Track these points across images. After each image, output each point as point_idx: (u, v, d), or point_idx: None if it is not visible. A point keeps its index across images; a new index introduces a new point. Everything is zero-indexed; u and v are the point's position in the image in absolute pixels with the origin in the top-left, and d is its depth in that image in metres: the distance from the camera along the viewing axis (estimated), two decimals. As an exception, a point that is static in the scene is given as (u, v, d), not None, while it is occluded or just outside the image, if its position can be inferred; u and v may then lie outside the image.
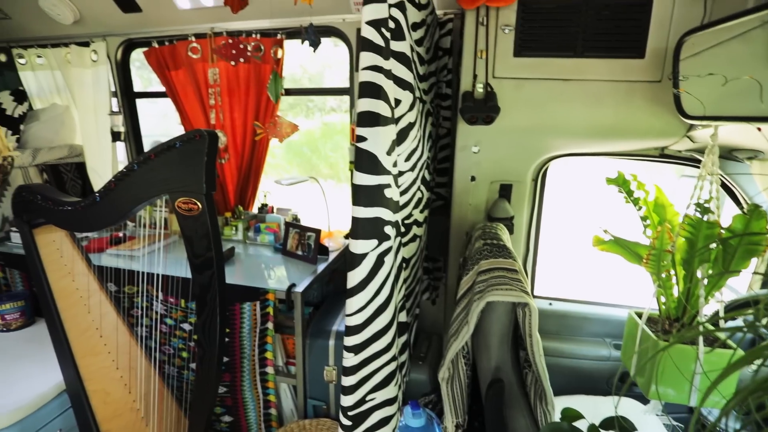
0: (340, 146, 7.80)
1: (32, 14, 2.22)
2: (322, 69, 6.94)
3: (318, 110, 4.24)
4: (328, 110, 4.75)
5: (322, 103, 3.91)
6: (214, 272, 1.11)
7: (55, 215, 1.22)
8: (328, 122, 4.65)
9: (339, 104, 4.09)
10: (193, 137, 1.02)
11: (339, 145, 7.79)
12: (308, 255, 1.80)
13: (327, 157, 7.46)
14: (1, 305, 1.75)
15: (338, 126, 7.67)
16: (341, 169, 7.21)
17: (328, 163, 7.69)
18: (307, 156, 7.42)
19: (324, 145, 7.47)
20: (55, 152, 2.26)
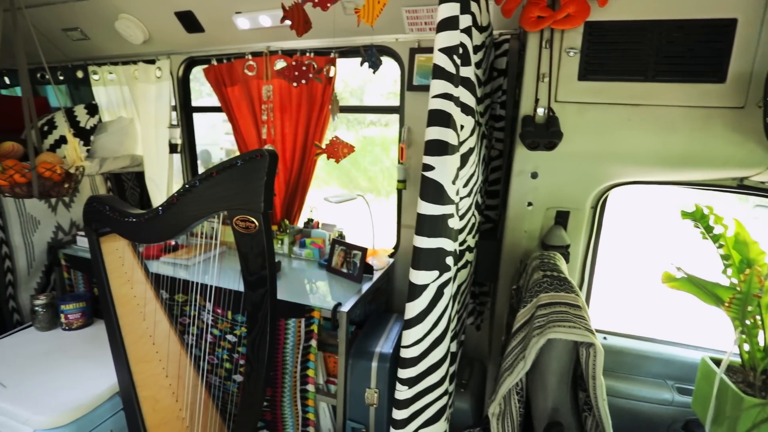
0: (379, 160, 7.84)
1: (108, 35, 2.39)
2: (363, 83, 7.01)
3: (357, 123, 4.29)
4: (367, 124, 4.80)
5: (362, 116, 3.95)
6: (267, 291, 1.11)
7: (121, 225, 1.28)
8: (367, 136, 4.68)
9: (378, 118, 4.11)
10: (254, 156, 1.04)
11: (378, 158, 7.83)
12: (353, 273, 1.79)
13: (366, 171, 7.52)
14: (65, 305, 1.85)
15: (377, 140, 7.72)
16: (381, 183, 7.23)
17: (367, 176, 7.72)
18: (346, 169, 7.49)
19: (363, 159, 7.54)
20: (118, 162, 2.40)
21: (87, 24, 2.39)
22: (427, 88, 1.92)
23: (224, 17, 2.06)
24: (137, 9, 2.19)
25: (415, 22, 1.84)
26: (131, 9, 2.20)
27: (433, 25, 1.82)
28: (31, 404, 1.43)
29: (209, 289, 1.71)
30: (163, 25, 2.23)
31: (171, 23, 2.18)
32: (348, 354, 1.60)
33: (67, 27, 2.45)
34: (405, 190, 2.03)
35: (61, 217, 2.13)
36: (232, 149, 8.36)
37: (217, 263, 1.90)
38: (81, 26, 2.42)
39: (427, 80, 1.90)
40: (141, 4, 2.15)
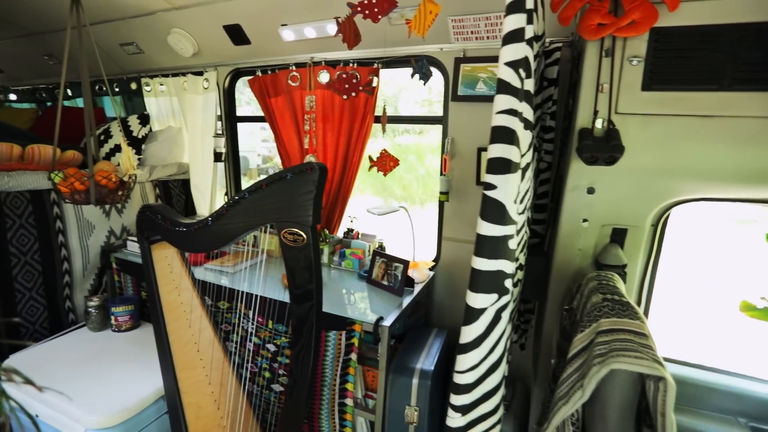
0: (413, 168, 7.79)
1: (160, 48, 2.50)
2: (398, 91, 7.00)
3: (391, 131, 4.29)
4: (401, 131, 4.78)
5: (396, 124, 3.93)
6: (314, 305, 1.10)
7: (171, 234, 1.31)
8: (401, 143, 4.66)
9: (413, 125, 4.08)
10: (304, 170, 1.04)
11: (412, 166, 7.78)
12: (394, 286, 1.76)
13: (400, 179, 7.49)
14: (116, 308, 1.93)
15: (411, 147, 7.68)
16: (415, 192, 7.18)
17: (401, 184, 7.70)
18: (380, 177, 7.46)
19: (397, 167, 7.41)
20: (166, 169, 2.49)
21: (142, 38, 2.52)
22: (471, 98, 1.89)
23: (270, 30, 2.10)
24: (188, 23, 2.28)
25: (460, 32, 1.80)
26: (183, 23, 2.29)
27: (479, 34, 1.78)
28: (84, 403, 1.48)
29: (251, 297, 1.72)
30: (212, 38, 2.30)
31: (219, 36, 2.26)
32: (388, 369, 1.57)
33: (124, 42, 2.58)
34: (447, 202, 1.98)
35: (114, 222, 2.22)
36: (269, 156, 8.56)
37: (260, 272, 1.92)
38: (136, 41, 2.54)
39: (472, 90, 1.86)
40: (192, 18, 2.23)
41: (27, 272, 1.88)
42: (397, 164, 1.79)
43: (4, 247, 1.80)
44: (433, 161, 8.83)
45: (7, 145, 1.88)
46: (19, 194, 1.85)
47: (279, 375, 1.72)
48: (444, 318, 2.17)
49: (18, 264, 1.85)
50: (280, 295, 1.69)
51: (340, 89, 1.46)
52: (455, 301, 2.13)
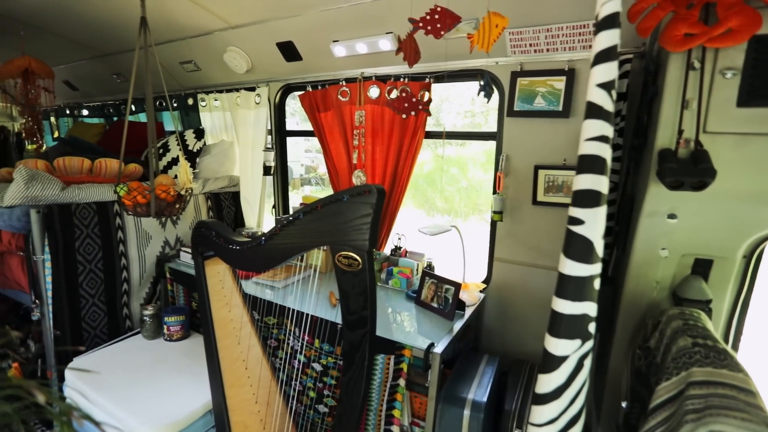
0: (455, 180, 7.64)
1: (216, 65, 2.60)
2: (440, 102, 6.90)
3: (432, 142, 4.24)
4: (441, 143, 4.67)
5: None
6: (367, 333, 1.05)
7: (224, 251, 1.32)
8: (442, 155, 4.57)
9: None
10: (362, 192, 1.00)
11: (455, 178, 7.62)
12: (444, 309, 1.68)
13: (442, 191, 7.34)
14: (168, 317, 1.98)
15: (453, 159, 7.51)
16: (457, 204, 6.99)
17: (443, 196, 7.54)
18: (422, 189, 7.37)
19: (439, 179, 7.35)
20: (219, 182, 2.56)
21: (200, 57, 2.62)
22: (528, 113, 1.79)
23: (322, 46, 2.11)
24: (243, 41, 2.34)
25: (518, 45, 1.73)
26: (238, 42, 2.36)
27: (538, 47, 1.69)
28: (138, 412, 1.51)
29: (299, 314, 1.71)
30: (265, 55, 2.36)
31: (272, 53, 2.30)
32: (438, 398, 1.49)
33: (184, 60, 2.71)
34: (501, 221, 1.89)
35: (169, 232, 2.30)
36: (312, 166, 8.69)
37: (306, 289, 1.91)
38: (195, 59, 2.66)
39: (530, 105, 1.77)
40: (247, 36, 2.30)
41: (91, 279, 1.98)
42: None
43: (72, 255, 1.90)
44: (475, 173, 8.63)
45: (79, 159, 2.00)
46: (87, 205, 1.95)
47: (324, 395, 1.68)
48: (494, 343, 2.06)
49: (84, 271, 1.95)
50: (329, 314, 1.66)
51: (400, 108, 1.42)
52: (507, 326, 2.02)
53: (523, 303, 1.97)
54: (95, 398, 1.62)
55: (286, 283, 1.95)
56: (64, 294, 1.89)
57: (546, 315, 1.89)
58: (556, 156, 1.78)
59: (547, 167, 1.80)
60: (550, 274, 1.89)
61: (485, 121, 5.46)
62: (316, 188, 7.82)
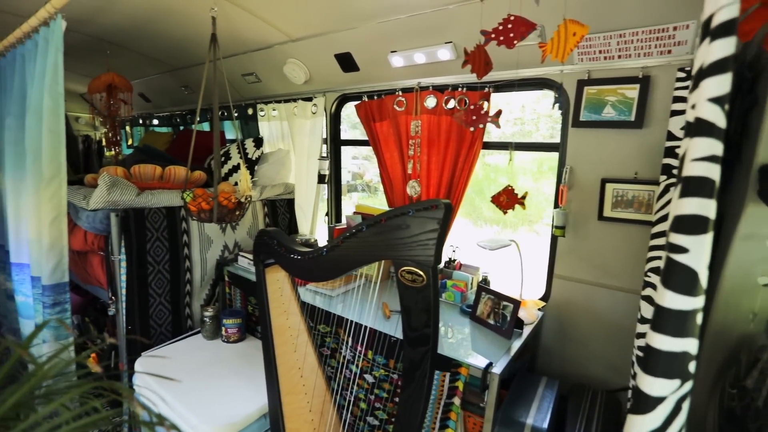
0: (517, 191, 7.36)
1: (275, 77, 2.70)
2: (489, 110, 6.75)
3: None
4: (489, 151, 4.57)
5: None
6: (429, 351, 1.02)
7: (284, 260, 1.34)
8: (490, 163, 4.47)
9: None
10: (429, 207, 0.98)
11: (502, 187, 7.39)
12: (502, 327, 1.62)
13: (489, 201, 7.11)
14: (227, 320, 2.05)
15: (501, 166, 7.33)
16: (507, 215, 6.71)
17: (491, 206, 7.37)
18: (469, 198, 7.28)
19: (487, 188, 7.21)
20: (275, 189, 2.65)
21: (261, 69, 2.74)
22: (596, 124, 1.70)
23: (379, 56, 2.13)
24: (303, 53, 2.42)
25: (586, 52, 1.64)
26: (298, 54, 2.44)
27: (609, 53, 1.60)
28: (198, 410, 1.58)
29: (351, 324, 1.71)
30: (323, 66, 2.41)
31: (330, 64, 2.36)
32: (495, 420, 1.42)
33: (246, 72, 2.84)
34: (563, 237, 1.79)
35: (228, 237, 2.40)
36: (358, 173, 8.82)
37: (360, 298, 1.91)
38: (256, 71, 2.78)
39: (598, 115, 1.68)
40: (306, 49, 2.37)
41: (159, 280, 2.10)
42: (520, 203, 1.66)
43: (144, 256, 2.03)
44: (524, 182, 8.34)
45: (152, 166, 2.14)
46: (158, 210, 2.08)
47: (375, 408, 1.66)
48: (551, 364, 1.95)
49: (153, 272, 2.07)
50: (383, 325, 1.65)
51: (468, 121, 1.39)
52: (566, 347, 1.91)
53: (585, 323, 1.85)
54: (160, 392, 1.70)
55: (339, 291, 1.97)
56: (135, 292, 2.02)
57: (612, 336, 1.77)
58: (626, 169, 1.67)
59: (615, 181, 1.69)
60: (615, 295, 1.77)
61: (536, 128, 5.31)
62: (362, 195, 7.91)
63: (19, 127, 2.14)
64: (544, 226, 8.02)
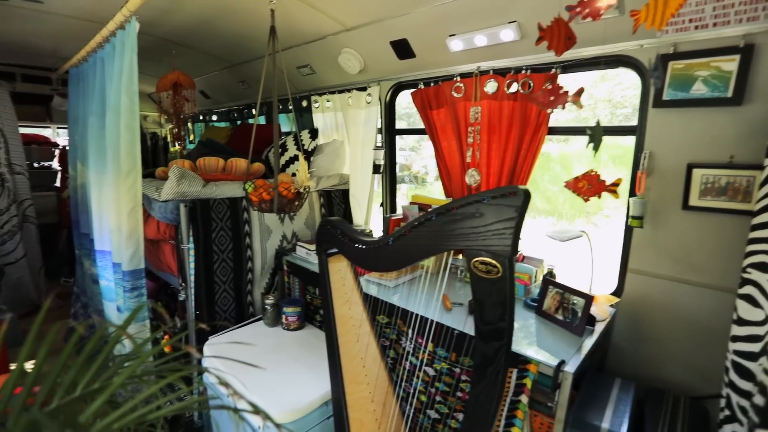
0: (558, 179, 7.06)
1: (330, 68, 2.71)
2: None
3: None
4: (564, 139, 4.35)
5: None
6: (504, 346, 0.97)
7: (348, 249, 1.33)
8: (543, 152, 4.25)
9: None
10: (506, 193, 0.92)
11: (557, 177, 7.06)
12: (572, 323, 1.52)
13: (545, 191, 6.82)
14: (287, 308, 2.11)
15: (554, 156, 6.94)
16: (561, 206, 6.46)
17: (545, 196, 7.03)
18: (522, 187, 6.95)
19: (541, 178, 6.90)
20: (330, 180, 2.67)
21: (315, 60, 2.76)
22: (682, 103, 1.53)
23: (437, 41, 2.06)
24: (358, 42, 2.40)
25: (673, 22, 1.48)
26: (353, 43, 2.42)
27: (703, 21, 1.43)
28: (263, 395, 1.63)
29: (411, 315, 1.68)
30: (378, 54, 2.38)
31: (385, 52, 2.32)
32: (567, 422, 1.34)
33: (301, 65, 2.87)
34: (641, 228, 1.65)
35: (286, 227, 2.46)
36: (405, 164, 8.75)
37: (419, 289, 1.88)
38: (311, 63, 2.80)
39: (685, 93, 1.51)
40: (361, 37, 2.34)
41: (223, 268, 2.19)
42: (611, 190, 1.53)
43: (209, 245, 2.12)
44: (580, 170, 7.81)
45: (216, 159, 2.23)
46: (221, 201, 2.16)
47: (436, 401, 1.63)
48: (623, 365, 1.81)
49: (217, 260, 2.17)
50: (445, 318, 1.61)
51: (545, 102, 1.30)
52: (641, 347, 1.77)
53: (663, 322, 1.70)
54: (226, 376, 1.77)
55: (397, 282, 1.95)
56: (202, 279, 2.13)
57: (697, 338, 1.61)
58: (719, 152, 1.50)
59: (704, 165, 1.52)
60: (702, 292, 1.60)
61: (593, 114, 5.00)
62: (410, 186, 7.85)
63: (100, 126, 2.30)
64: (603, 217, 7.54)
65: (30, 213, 3.71)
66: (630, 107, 5.86)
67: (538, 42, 1.18)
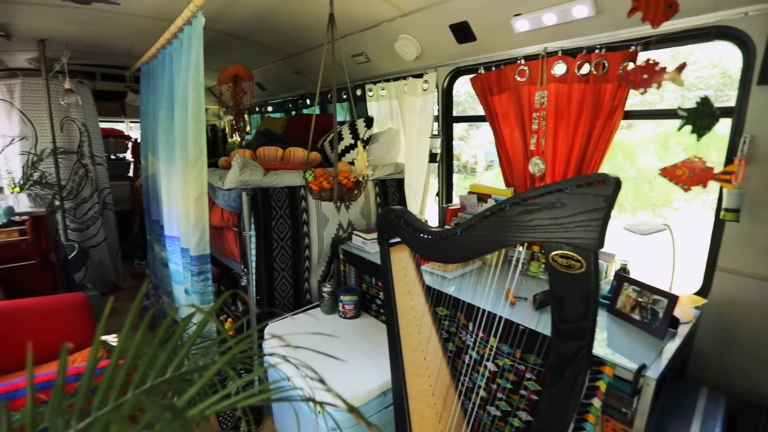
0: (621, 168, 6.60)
1: (385, 55, 2.67)
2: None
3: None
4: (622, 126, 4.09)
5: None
6: (585, 347, 0.90)
7: (413, 239, 1.30)
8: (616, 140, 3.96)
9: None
10: (593, 182, 0.84)
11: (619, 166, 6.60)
12: (651, 324, 1.40)
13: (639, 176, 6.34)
14: (344, 296, 2.13)
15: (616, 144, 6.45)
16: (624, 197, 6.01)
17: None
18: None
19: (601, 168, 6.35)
20: (386, 169, 2.65)
21: (371, 48, 2.73)
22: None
23: (501, 22, 1.95)
24: (415, 27, 2.33)
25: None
26: (410, 28, 2.36)
27: (826, -17, 1.23)
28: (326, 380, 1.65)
29: (472, 308, 1.63)
30: (436, 39, 2.30)
31: (443, 36, 2.24)
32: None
33: (355, 53, 2.85)
34: (737, 222, 1.47)
35: (342, 216, 2.48)
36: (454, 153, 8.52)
37: (480, 282, 1.82)
38: (366, 51, 2.77)
39: (799, 67, 1.31)
40: (419, 22, 2.27)
41: (282, 255, 2.25)
42: (722, 180, 1.37)
43: (269, 233, 2.18)
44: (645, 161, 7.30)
45: (275, 148, 2.28)
46: (281, 189, 2.21)
47: (497, 398, 1.58)
48: (707, 373, 1.65)
49: (277, 248, 2.23)
50: (509, 312, 1.55)
51: (636, 81, 1.19)
52: (729, 354, 1.60)
53: (760, 328, 1.52)
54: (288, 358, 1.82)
55: (456, 274, 1.90)
56: (263, 265, 2.20)
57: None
58: (839, 135, 1.29)
59: (819, 151, 1.32)
60: (808, 296, 1.41)
61: (660, 99, 4.58)
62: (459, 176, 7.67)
63: (169, 118, 2.42)
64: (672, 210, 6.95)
65: (109, 200, 4.04)
66: (706, 88, 5.29)
67: (630, 13, 1.07)
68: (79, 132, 3.75)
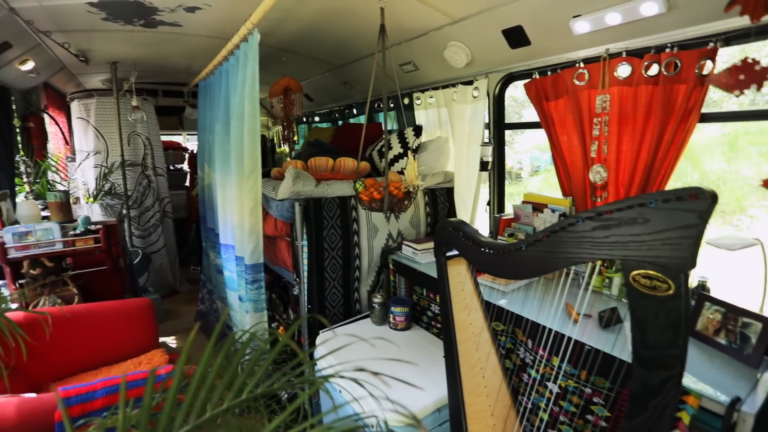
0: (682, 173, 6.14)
1: (434, 63, 2.64)
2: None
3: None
4: None
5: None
6: (674, 377, 0.82)
7: (471, 253, 1.26)
8: None
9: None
10: (683, 196, 0.77)
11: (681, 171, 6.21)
12: (741, 350, 1.26)
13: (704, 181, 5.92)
14: (395, 307, 2.11)
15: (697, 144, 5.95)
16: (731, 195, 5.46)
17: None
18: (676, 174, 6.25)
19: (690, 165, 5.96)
20: (435, 178, 2.62)
21: (419, 57, 2.71)
22: None
23: (558, 24, 1.87)
24: (466, 34, 2.29)
25: None
26: (460, 35, 2.32)
27: None
28: (375, 393, 1.63)
29: (530, 324, 1.55)
30: (487, 44, 2.25)
31: (495, 42, 2.18)
32: (738, 471, 1.11)
33: (403, 62, 2.85)
34: (843, 235, 1.30)
35: (392, 226, 2.47)
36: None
37: (537, 296, 1.73)
38: (414, 59, 2.77)
39: None
40: (470, 28, 2.23)
41: (333, 265, 2.27)
42: None
43: (321, 242, 2.21)
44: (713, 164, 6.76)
45: (325, 159, 2.31)
46: (332, 200, 2.24)
47: (560, 422, 1.49)
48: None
49: (328, 257, 2.25)
50: (569, 331, 1.46)
51: (731, 83, 1.08)
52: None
53: None
54: (337, 368, 1.83)
55: (513, 287, 1.82)
56: (314, 275, 2.23)
57: None
58: None
59: None
60: None
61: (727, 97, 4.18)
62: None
63: (225, 132, 2.53)
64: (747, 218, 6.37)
65: (168, 209, 4.29)
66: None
67: (728, 8, 0.97)
68: (143, 145, 4.02)
